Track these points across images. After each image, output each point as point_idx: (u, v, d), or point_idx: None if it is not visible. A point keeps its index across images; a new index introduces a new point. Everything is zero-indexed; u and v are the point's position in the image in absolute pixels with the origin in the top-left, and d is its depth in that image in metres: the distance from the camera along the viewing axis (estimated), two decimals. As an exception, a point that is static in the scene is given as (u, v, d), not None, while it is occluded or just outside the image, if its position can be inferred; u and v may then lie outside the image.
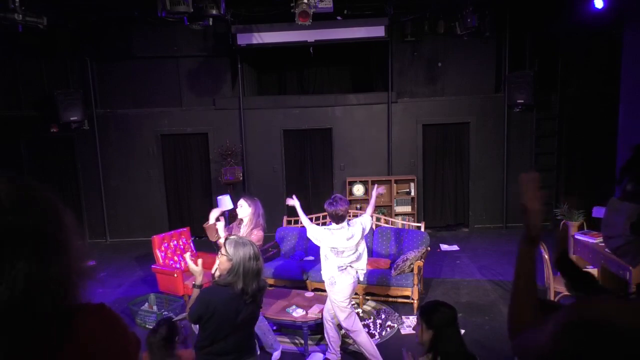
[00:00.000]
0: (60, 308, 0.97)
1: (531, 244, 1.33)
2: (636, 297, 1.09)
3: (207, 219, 4.60)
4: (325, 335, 4.80)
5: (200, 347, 2.89)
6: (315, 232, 4.54)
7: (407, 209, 9.27)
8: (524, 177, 1.33)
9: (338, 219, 4.40)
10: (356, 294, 6.10)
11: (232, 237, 3.02)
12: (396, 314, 5.83)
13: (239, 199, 4.71)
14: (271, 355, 4.84)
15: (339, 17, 8.28)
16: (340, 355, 4.81)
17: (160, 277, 6.47)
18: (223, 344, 2.85)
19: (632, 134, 6.01)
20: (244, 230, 4.58)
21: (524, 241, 1.34)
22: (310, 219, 7.48)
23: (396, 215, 9.14)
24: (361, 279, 4.84)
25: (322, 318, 4.88)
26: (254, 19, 8.37)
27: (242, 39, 8.43)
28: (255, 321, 3.03)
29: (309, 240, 6.95)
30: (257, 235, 4.43)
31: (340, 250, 4.45)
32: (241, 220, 4.64)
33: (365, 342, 4.59)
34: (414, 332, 5.22)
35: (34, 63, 9.18)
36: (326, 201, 4.48)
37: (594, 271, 5.26)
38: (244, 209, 4.61)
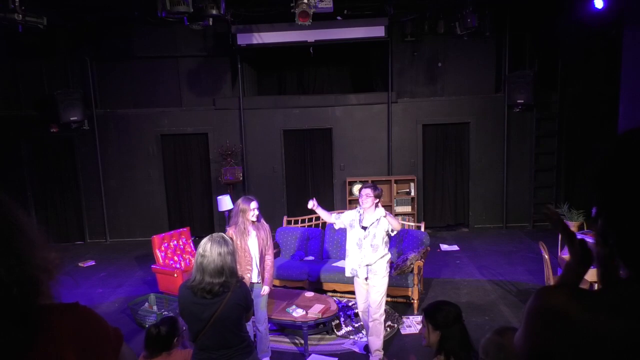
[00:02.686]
0: (30, 306, 0.98)
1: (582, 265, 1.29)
2: (600, 291, 1.10)
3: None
4: (365, 324, 4.92)
5: (192, 340, 2.98)
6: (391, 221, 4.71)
7: (407, 209, 9.27)
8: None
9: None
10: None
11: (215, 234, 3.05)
12: (396, 313, 5.83)
13: (251, 202, 4.58)
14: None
15: (339, 17, 8.27)
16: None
17: (160, 277, 6.47)
18: (201, 340, 2.90)
19: (632, 134, 6.00)
20: (266, 234, 4.65)
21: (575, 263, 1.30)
22: (310, 219, 7.53)
23: (396, 215, 9.14)
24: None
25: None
26: (254, 19, 8.37)
27: (242, 39, 8.43)
28: (231, 321, 2.90)
29: (309, 240, 6.98)
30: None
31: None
32: (251, 222, 4.58)
33: (381, 332, 4.79)
34: (417, 333, 5.22)
35: (34, 63, 9.18)
36: (370, 189, 4.66)
37: (594, 271, 5.26)
38: (256, 211, 4.61)
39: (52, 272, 1.07)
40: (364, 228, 4.69)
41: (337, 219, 4.86)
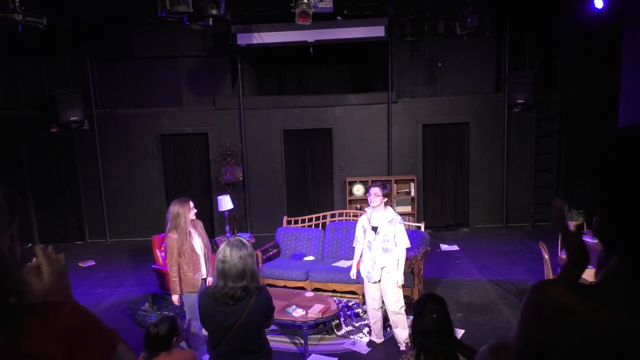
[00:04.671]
0: (11, 298, 0.99)
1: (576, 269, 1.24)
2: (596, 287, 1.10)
3: (206, 219, 4.67)
4: (372, 321, 5.08)
5: (211, 348, 2.96)
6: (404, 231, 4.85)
7: (407, 209, 9.26)
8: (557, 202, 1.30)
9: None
10: (356, 293, 6.10)
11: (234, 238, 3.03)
12: (396, 314, 5.83)
13: (189, 201, 4.91)
14: None
15: (339, 17, 8.27)
16: (383, 338, 5.14)
17: (161, 277, 6.46)
18: (223, 347, 2.86)
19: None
20: (203, 229, 4.91)
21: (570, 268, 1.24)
22: (310, 219, 7.54)
23: (396, 215, 9.13)
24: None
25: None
26: (254, 19, 8.37)
27: (242, 39, 8.43)
28: (253, 328, 2.91)
29: (309, 240, 6.99)
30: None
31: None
32: (190, 221, 4.78)
33: (405, 323, 4.90)
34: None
35: (34, 63, 9.18)
36: (379, 187, 4.73)
37: (593, 271, 5.26)
38: (194, 209, 4.90)
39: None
40: (374, 229, 4.74)
41: (357, 242, 4.97)
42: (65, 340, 1.02)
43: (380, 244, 4.70)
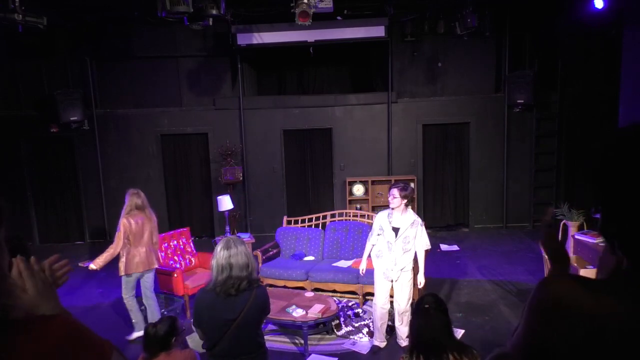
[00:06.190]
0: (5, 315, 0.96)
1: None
2: (602, 282, 1.10)
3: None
4: (376, 323, 5.00)
5: (207, 349, 2.94)
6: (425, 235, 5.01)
7: (407, 209, 9.25)
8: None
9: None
10: (355, 293, 6.10)
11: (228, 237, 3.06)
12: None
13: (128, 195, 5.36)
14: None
15: (339, 17, 8.27)
16: (386, 341, 5.10)
17: (160, 277, 6.45)
18: (222, 346, 2.86)
19: (632, 134, 6.00)
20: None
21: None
22: (310, 219, 7.54)
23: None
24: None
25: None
26: (254, 19, 8.37)
27: (242, 39, 8.43)
28: (252, 325, 2.93)
29: (309, 240, 6.99)
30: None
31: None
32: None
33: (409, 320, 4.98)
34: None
35: (34, 63, 9.18)
36: (397, 189, 4.87)
37: (593, 271, 5.26)
38: None
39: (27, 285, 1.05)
40: (395, 230, 4.77)
41: (372, 239, 4.94)
42: (54, 356, 0.97)
43: (401, 245, 4.74)
